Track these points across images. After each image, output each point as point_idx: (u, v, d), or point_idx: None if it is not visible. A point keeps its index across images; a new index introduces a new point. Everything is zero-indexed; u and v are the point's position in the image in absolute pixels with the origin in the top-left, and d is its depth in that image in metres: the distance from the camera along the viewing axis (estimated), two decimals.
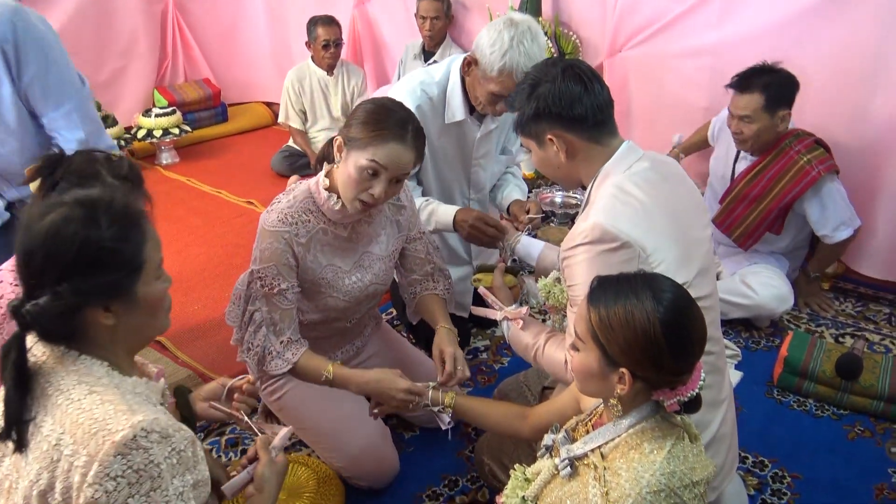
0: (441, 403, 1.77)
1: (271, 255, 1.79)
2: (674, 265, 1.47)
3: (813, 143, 2.77)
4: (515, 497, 1.39)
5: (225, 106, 5.51)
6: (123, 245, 1.12)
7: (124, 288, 1.13)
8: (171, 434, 1.07)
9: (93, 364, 1.13)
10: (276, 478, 1.37)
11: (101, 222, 1.10)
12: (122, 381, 1.14)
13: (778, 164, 2.77)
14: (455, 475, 2.17)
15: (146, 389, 1.17)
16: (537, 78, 1.61)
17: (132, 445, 1.02)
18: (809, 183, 2.70)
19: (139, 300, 1.15)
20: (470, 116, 2.30)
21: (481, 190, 2.50)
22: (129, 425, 1.03)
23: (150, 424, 1.04)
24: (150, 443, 1.04)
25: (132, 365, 1.24)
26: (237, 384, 1.57)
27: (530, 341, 1.73)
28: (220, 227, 3.88)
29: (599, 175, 1.61)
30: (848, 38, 2.91)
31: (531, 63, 2.00)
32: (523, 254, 2.16)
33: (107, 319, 1.13)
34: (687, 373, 1.22)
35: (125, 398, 1.09)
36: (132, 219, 1.15)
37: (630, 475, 1.20)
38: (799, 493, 2.09)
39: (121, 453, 1.02)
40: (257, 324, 1.85)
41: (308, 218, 1.82)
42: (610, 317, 1.20)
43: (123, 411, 1.06)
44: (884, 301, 3.10)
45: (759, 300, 2.81)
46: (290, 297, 1.84)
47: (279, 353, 1.85)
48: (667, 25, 3.49)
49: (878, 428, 2.36)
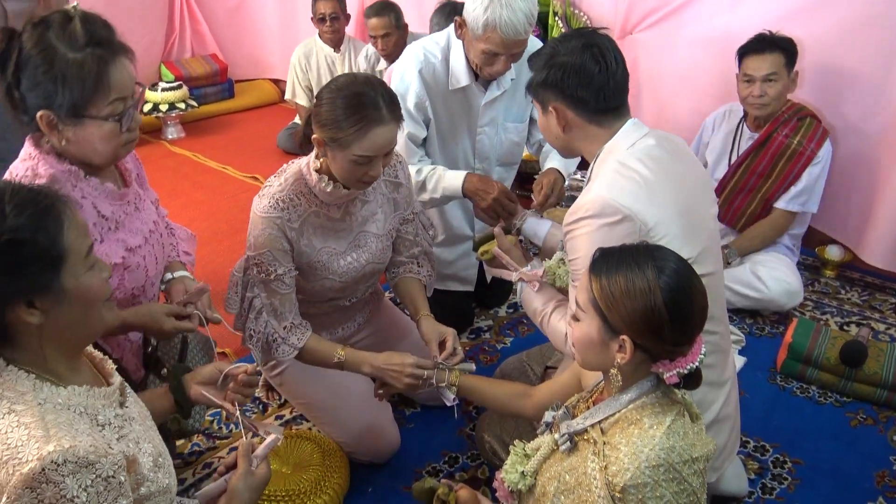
0: (446, 381, 1.77)
1: (265, 240, 1.76)
2: (677, 240, 1.46)
3: (797, 123, 2.79)
4: (515, 472, 1.39)
5: (232, 82, 5.49)
6: (34, 235, 1.00)
7: (44, 283, 1.02)
8: (92, 461, 0.98)
9: (18, 376, 1.03)
10: (249, 492, 1.28)
11: (5, 212, 0.99)
12: (50, 395, 1.04)
13: (769, 150, 2.80)
14: (456, 452, 2.16)
15: (85, 399, 1.07)
16: (557, 48, 1.61)
17: (41, 479, 0.94)
18: (806, 163, 2.76)
19: (68, 295, 1.04)
20: (475, 83, 2.28)
21: (486, 158, 2.47)
22: (38, 457, 0.94)
23: (62, 455, 0.95)
24: (62, 476, 0.95)
25: (77, 367, 1.13)
26: (234, 371, 1.45)
27: (539, 307, 1.74)
28: (224, 201, 3.88)
29: (602, 152, 1.61)
30: (863, 23, 2.87)
31: (515, 16, 1.98)
32: (530, 233, 2.15)
33: (31, 317, 1.02)
34: (687, 344, 1.21)
35: (44, 420, 0.99)
36: (43, 206, 1.03)
37: (629, 449, 1.20)
38: (800, 479, 2.09)
39: (29, 487, 0.94)
40: (257, 310, 1.83)
41: (299, 201, 1.79)
42: (611, 285, 1.20)
43: (37, 438, 0.96)
44: (890, 291, 3.07)
45: (770, 295, 2.79)
46: (287, 281, 1.82)
47: (284, 338, 1.84)
48: (679, 8, 3.44)
49: (881, 416, 2.34)
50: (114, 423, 1.10)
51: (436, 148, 2.39)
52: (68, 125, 1.38)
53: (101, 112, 1.38)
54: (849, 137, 3.01)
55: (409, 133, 2.31)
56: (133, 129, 1.45)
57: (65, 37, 1.33)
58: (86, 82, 1.34)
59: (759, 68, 2.73)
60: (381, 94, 1.66)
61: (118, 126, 1.40)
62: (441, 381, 1.77)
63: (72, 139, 1.39)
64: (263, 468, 1.32)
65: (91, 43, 1.35)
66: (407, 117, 2.29)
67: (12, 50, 1.34)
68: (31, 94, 1.35)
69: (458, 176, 2.28)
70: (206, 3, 5.40)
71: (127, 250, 1.52)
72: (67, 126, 1.38)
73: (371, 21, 3.81)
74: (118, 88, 1.38)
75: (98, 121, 1.38)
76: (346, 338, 2.13)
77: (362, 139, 1.63)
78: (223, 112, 5.32)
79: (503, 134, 2.44)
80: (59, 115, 1.36)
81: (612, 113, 1.60)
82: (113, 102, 1.38)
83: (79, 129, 1.38)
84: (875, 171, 2.99)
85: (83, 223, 1.09)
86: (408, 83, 2.28)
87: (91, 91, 1.35)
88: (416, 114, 2.30)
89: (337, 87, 1.67)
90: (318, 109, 1.68)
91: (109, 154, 1.44)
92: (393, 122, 1.68)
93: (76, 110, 1.36)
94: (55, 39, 1.33)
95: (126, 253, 1.52)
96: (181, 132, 4.87)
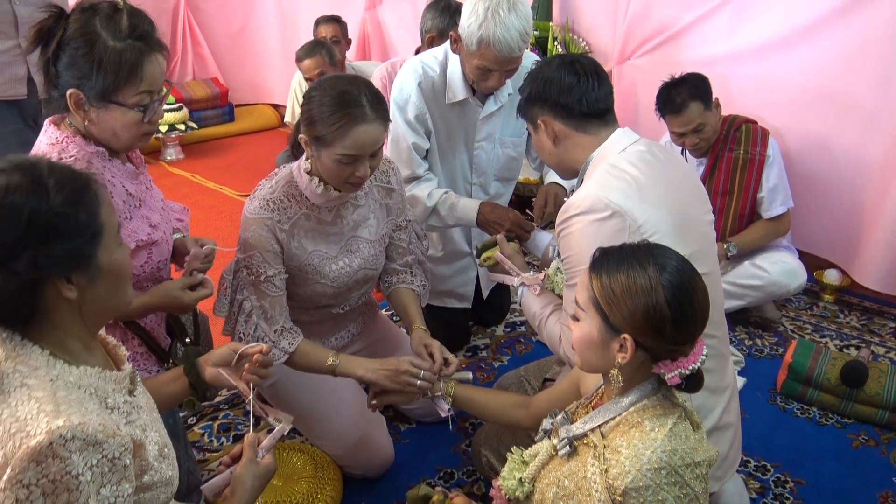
0: (441, 391, 1.74)
1: (255, 242, 1.75)
2: (667, 238, 1.46)
3: (735, 135, 2.82)
4: (512, 479, 1.36)
5: (232, 106, 5.53)
6: (78, 209, 1.02)
7: (85, 256, 1.03)
8: (100, 440, 0.97)
9: (32, 351, 1.03)
10: (253, 481, 1.27)
11: (48, 187, 1.00)
12: (62, 373, 1.04)
13: (721, 169, 2.83)
14: (451, 468, 2.12)
15: (96, 381, 1.07)
16: (540, 65, 1.70)
17: (47, 453, 0.93)
18: (760, 167, 2.78)
19: (102, 270, 1.06)
20: (472, 97, 2.29)
21: (484, 173, 2.47)
22: (47, 431, 0.93)
23: (71, 431, 0.94)
24: (69, 451, 0.94)
25: (92, 348, 1.13)
26: (249, 351, 1.45)
27: (538, 311, 1.74)
28: (220, 220, 3.87)
29: (593, 158, 1.63)
30: (859, 48, 2.90)
31: (509, 33, 2.00)
32: (531, 245, 2.15)
33: (70, 292, 1.03)
34: (689, 344, 1.19)
35: (55, 396, 0.99)
36: (81, 183, 1.05)
37: (630, 452, 1.17)
38: (802, 499, 2.05)
39: (35, 460, 0.92)
40: (247, 313, 1.80)
41: (290, 203, 1.78)
42: (612, 283, 1.18)
43: (47, 412, 0.96)
44: (888, 315, 3.06)
45: (772, 277, 2.79)
46: (277, 283, 1.80)
47: (274, 342, 1.80)
48: (677, 34, 3.49)
49: (882, 438, 2.31)
50: (122, 408, 1.09)
51: (436, 161, 2.39)
52: (94, 107, 1.43)
53: (128, 100, 1.44)
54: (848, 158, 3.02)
55: (413, 143, 2.31)
56: (154, 123, 1.51)
57: (110, 26, 1.41)
58: (120, 70, 1.41)
59: (684, 125, 2.72)
60: (365, 93, 1.66)
61: (141, 116, 1.46)
62: (436, 392, 1.74)
63: (95, 121, 1.45)
64: (269, 458, 1.31)
65: (133, 35, 1.42)
66: (409, 128, 2.30)
67: (58, 28, 1.41)
68: (66, 72, 1.42)
69: (471, 206, 2.28)
70: (209, 27, 5.46)
71: (150, 226, 1.58)
72: (93, 108, 1.44)
73: (304, 63, 3.61)
74: (149, 81, 1.45)
75: (124, 108, 1.44)
76: (339, 348, 2.10)
77: (345, 137, 1.63)
78: (222, 135, 5.35)
79: (500, 149, 2.44)
80: (87, 96, 1.42)
81: (598, 120, 1.64)
82: (141, 93, 1.44)
83: (103, 112, 1.44)
84: (872, 195, 2.99)
85: (110, 199, 1.11)
86: (407, 95, 2.28)
87: (123, 79, 1.42)
88: (417, 125, 2.31)
89: (321, 86, 1.68)
90: (304, 108, 1.69)
91: (127, 141, 1.50)
92: (377, 121, 1.67)
93: (105, 94, 1.42)
94: (100, 26, 1.40)
95: (150, 229, 1.57)
96: (180, 154, 4.88)
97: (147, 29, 1.45)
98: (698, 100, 2.69)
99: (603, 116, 1.64)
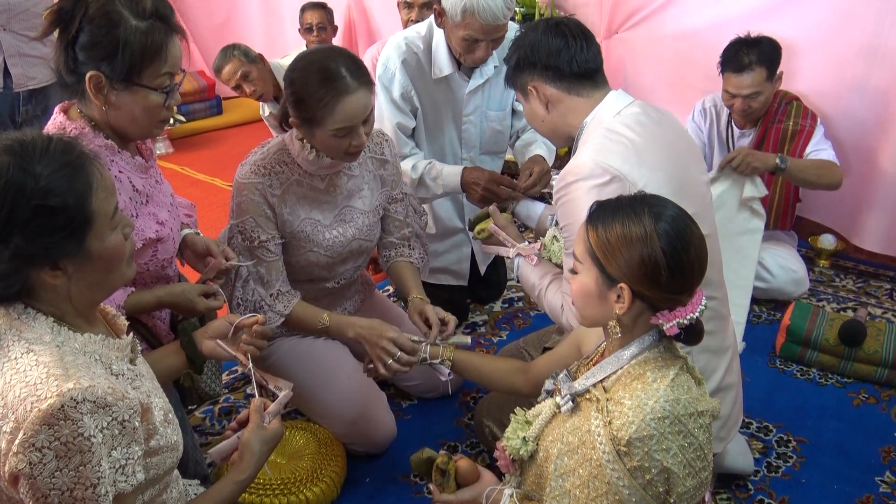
0: (440, 357, 1.74)
1: (247, 206, 1.76)
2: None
3: (786, 108, 2.76)
4: (516, 438, 1.35)
5: (220, 98, 5.48)
6: (64, 200, 0.98)
7: (70, 246, 1.00)
8: (110, 403, 0.97)
9: (36, 318, 1.03)
10: (261, 445, 1.27)
11: (36, 171, 0.96)
12: (67, 339, 1.03)
13: (769, 141, 2.76)
14: (454, 441, 2.12)
15: (101, 348, 1.07)
16: (524, 31, 1.67)
17: (59, 416, 0.93)
18: (808, 136, 2.71)
19: (92, 256, 1.03)
20: (458, 72, 2.28)
21: (473, 148, 2.45)
22: (58, 394, 0.93)
23: (81, 393, 0.94)
24: (80, 413, 0.94)
25: (92, 318, 1.12)
26: (246, 322, 1.44)
27: (536, 281, 1.73)
28: (212, 211, 3.85)
29: (588, 122, 1.61)
30: (846, 11, 2.90)
31: (493, 1, 1.98)
32: (524, 215, 2.13)
33: (55, 279, 1.01)
34: (686, 293, 1.19)
35: (63, 360, 0.99)
36: (73, 164, 1.00)
37: (633, 403, 1.16)
38: (805, 457, 2.05)
39: (47, 423, 0.92)
40: (244, 278, 1.81)
41: (282, 169, 1.79)
42: (608, 233, 1.18)
43: (56, 376, 0.95)
44: (884, 277, 3.07)
45: (776, 284, 2.78)
46: (272, 248, 1.80)
47: (270, 306, 1.82)
48: (663, 6, 3.47)
49: (883, 395, 2.32)
50: (126, 375, 1.09)
51: (423, 138, 2.38)
52: (116, 89, 1.38)
53: (152, 82, 1.39)
54: (836, 124, 3.02)
55: (397, 123, 2.30)
56: (170, 108, 1.47)
57: (132, 6, 1.37)
58: (146, 50, 1.37)
59: (740, 87, 2.64)
60: (343, 64, 1.66)
61: (164, 99, 1.42)
62: (434, 357, 1.74)
63: (115, 104, 1.40)
64: (276, 424, 1.30)
65: (155, 15, 1.38)
66: (393, 107, 2.29)
67: (78, 9, 1.35)
68: (86, 52, 1.36)
69: (455, 171, 2.27)
70: (193, 19, 5.41)
71: (158, 224, 1.54)
72: (114, 90, 1.38)
73: (224, 71, 3.38)
74: (171, 63, 1.41)
75: (147, 90, 1.39)
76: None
77: (334, 112, 1.64)
78: (211, 128, 5.31)
79: (486, 122, 2.43)
80: (109, 79, 1.37)
81: (590, 81, 1.61)
82: (163, 75, 1.40)
83: (125, 94, 1.39)
84: (864, 156, 2.99)
85: (110, 181, 1.07)
86: (392, 73, 2.27)
87: (150, 59, 1.37)
88: (402, 104, 2.29)
89: (299, 66, 1.68)
90: (287, 92, 1.69)
91: (146, 127, 1.46)
92: (361, 89, 1.67)
93: (129, 75, 1.37)
94: (121, 5, 1.36)
95: (157, 226, 1.53)
96: (169, 147, 4.85)
97: (167, 11, 1.42)
98: (764, 66, 2.60)
99: (594, 77, 1.62)
